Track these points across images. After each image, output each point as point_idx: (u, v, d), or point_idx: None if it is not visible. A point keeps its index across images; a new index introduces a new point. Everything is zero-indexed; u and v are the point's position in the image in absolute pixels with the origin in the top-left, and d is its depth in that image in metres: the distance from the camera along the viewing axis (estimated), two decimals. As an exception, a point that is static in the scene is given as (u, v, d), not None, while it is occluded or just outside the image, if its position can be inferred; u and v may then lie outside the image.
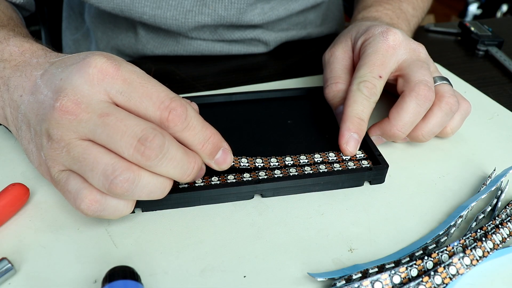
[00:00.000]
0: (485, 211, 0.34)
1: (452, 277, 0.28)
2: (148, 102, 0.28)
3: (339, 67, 0.43)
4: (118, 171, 0.26)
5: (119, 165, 0.27)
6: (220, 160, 0.31)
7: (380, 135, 0.40)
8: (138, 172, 0.27)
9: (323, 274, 0.28)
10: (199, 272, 0.29)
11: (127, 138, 0.26)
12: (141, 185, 0.27)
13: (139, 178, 0.27)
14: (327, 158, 0.37)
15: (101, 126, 0.27)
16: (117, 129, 0.27)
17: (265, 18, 0.58)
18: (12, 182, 0.34)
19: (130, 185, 0.27)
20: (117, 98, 0.28)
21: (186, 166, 0.29)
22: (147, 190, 0.28)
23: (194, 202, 0.34)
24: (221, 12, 0.55)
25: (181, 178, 0.29)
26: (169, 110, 0.28)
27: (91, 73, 0.28)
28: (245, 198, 0.35)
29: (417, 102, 0.37)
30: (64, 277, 0.28)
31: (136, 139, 0.26)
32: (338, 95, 0.41)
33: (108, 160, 0.27)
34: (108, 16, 0.61)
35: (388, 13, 0.52)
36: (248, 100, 0.46)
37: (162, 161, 0.27)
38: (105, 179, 0.26)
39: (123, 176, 0.26)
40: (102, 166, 0.27)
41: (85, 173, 0.27)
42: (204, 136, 0.30)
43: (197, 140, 0.29)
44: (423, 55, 0.41)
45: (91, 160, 0.27)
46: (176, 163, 0.28)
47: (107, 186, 0.27)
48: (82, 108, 0.27)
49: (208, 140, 0.30)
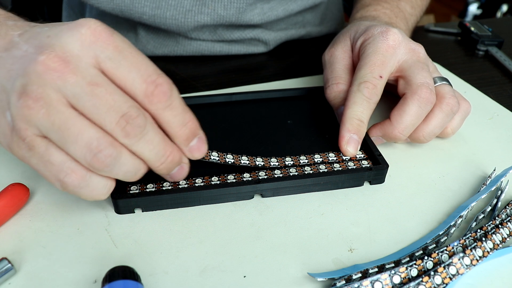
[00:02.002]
0: (485, 211, 0.34)
1: (452, 277, 0.28)
2: (136, 73, 0.27)
3: (340, 67, 0.43)
4: (103, 145, 0.26)
5: (103, 140, 0.26)
6: (194, 148, 0.31)
7: (381, 136, 0.40)
8: (120, 149, 0.27)
9: (323, 274, 0.28)
10: (199, 272, 0.29)
11: (113, 113, 0.26)
12: (120, 163, 0.27)
13: (120, 155, 0.27)
14: (327, 158, 0.37)
15: (89, 95, 0.26)
16: (105, 102, 0.26)
17: (264, 18, 0.58)
18: (12, 182, 0.34)
19: (112, 161, 0.26)
20: (105, 64, 0.27)
21: (161, 152, 0.28)
22: (124, 169, 0.28)
23: (194, 202, 0.34)
24: (221, 12, 0.55)
25: (154, 163, 0.29)
26: (156, 85, 0.27)
27: (84, 33, 0.26)
28: (245, 198, 0.35)
29: (419, 105, 0.37)
30: (64, 277, 0.28)
31: (121, 114, 0.26)
32: (339, 95, 0.41)
33: (93, 133, 0.26)
34: (109, 17, 0.61)
35: (386, 12, 0.52)
36: (248, 100, 0.46)
37: (140, 141, 0.27)
38: (89, 152, 0.26)
39: (106, 151, 0.26)
40: (86, 139, 0.26)
41: (65, 144, 0.26)
42: (184, 119, 0.29)
43: (176, 122, 0.29)
44: (422, 55, 0.41)
45: (75, 132, 0.26)
46: (153, 147, 0.28)
47: (89, 159, 0.26)
48: (70, 69, 0.25)
49: (186, 124, 0.29)
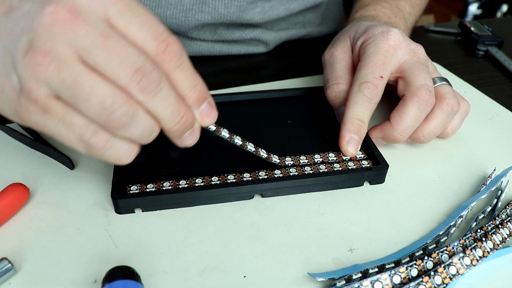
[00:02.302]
0: (485, 211, 0.34)
1: (452, 277, 0.28)
2: (147, 31, 0.26)
3: (340, 67, 0.43)
4: (118, 103, 0.24)
5: (118, 97, 0.24)
6: (205, 112, 0.30)
7: (381, 138, 0.40)
8: (136, 106, 0.25)
9: (323, 274, 0.28)
10: (199, 272, 0.29)
11: (127, 66, 0.24)
12: (136, 122, 0.26)
13: (136, 113, 0.25)
14: (327, 158, 0.37)
15: (101, 47, 0.24)
16: (118, 55, 0.24)
17: (265, 17, 0.58)
18: (12, 182, 0.34)
19: (128, 119, 0.25)
20: (116, 19, 0.25)
21: (176, 111, 0.27)
22: (140, 129, 0.26)
23: (194, 202, 0.34)
24: (221, 10, 0.55)
25: (169, 123, 0.27)
26: (167, 44, 0.26)
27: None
28: (245, 198, 0.35)
29: (418, 107, 0.37)
30: (64, 277, 0.28)
31: (135, 68, 0.25)
32: (340, 95, 0.41)
33: (107, 90, 0.24)
34: None
35: (386, 12, 0.52)
36: (248, 100, 0.46)
37: (156, 97, 0.26)
38: (103, 111, 0.24)
39: (122, 109, 0.24)
40: (100, 96, 0.24)
41: (77, 102, 0.24)
42: (193, 81, 0.28)
43: (186, 83, 0.28)
44: (422, 56, 0.41)
45: (88, 89, 0.24)
46: (168, 104, 0.26)
47: (103, 118, 0.24)
48: (80, 20, 0.24)
49: (196, 86, 0.28)
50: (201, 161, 0.37)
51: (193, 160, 0.37)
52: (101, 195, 0.35)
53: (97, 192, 0.35)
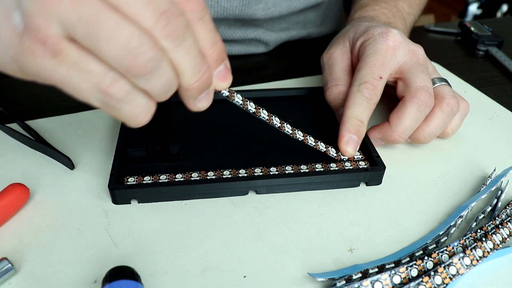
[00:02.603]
0: (485, 211, 0.34)
1: (452, 277, 0.28)
2: None
3: (339, 69, 0.43)
4: (144, 46, 0.21)
5: (145, 39, 0.21)
6: (222, 74, 0.28)
7: (380, 139, 0.40)
8: (163, 53, 0.23)
9: (323, 274, 0.28)
10: (199, 272, 0.29)
11: (153, 7, 0.22)
12: (160, 71, 0.23)
13: (162, 61, 0.23)
14: (328, 152, 0.37)
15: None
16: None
17: (268, 14, 0.58)
18: (12, 182, 0.34)
19: (154, 66, 0.22)
20: None
21: (199, 66, 0.25)
22: (163, 81, 0.23)
23: (189, 196, 0.34)
24: (224, 4, 0.55)
25: (191, 78, 0.25)
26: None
27: None
28: (239, 194, 0.35)
29: (418, 108, 0.37)
30: (64, 277, 0.28)
31: (162, 10, 0.22)
32: (339, 97, 0.41)
33: (132, 29, 0.21)
34: None
35: (385, 12, 0.52)
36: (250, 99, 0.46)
37: (181, 46, 0.23)
38: (128, 52, 0.21)
39: (149, 53, 0.22)
40: (125, 35, 0.21)
41: (97, 43, 0.21)
42: (214, 37, 0.26)
43: (207, 38, 0.25)
44: (421, 56, 0.41)
45: (111, 26, 0.21)
46: (192, 57, 0.24)
47: (127, 61, 0.21)
48: None
49: (217, 44, 0.26)
50: (200, 156, 0.37)
51: (192, 155, 0.37)
52: (101, 195, 0.35)
53: (97, 192, 0.35)
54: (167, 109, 0.43)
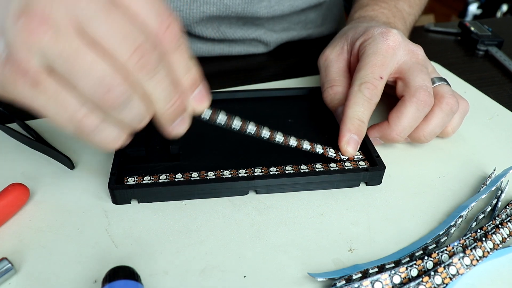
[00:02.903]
0: (485, 211, 0.34)
1: (452, 277, 0.28)
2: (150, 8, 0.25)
3: (334, 70, 0.43)
4: (117, 81, 0.23)
5: (118, 75, 0.24)
6: (198, 97, 0.29)
7: (379, 138, 0.40)
8: (133, 88, 0.25)
9: (323, 274, 0.28)
10: (199, 272, 0.29)
11: (128, 42, 0.23)
12: (131, 105, 0.25)
13: (133, 95, 0.25)
14: (327, 152, 0.37)
15: (104, 18, 0.23)
16: (120, 29, 0.23)
17: (270, 12, 0.58)
18: (12, 182, 0.34)
19: (125, 100, 0.24)
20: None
21: (172, 94, 0.27)
22: (134, 113, 0.25)
23: (189, 196, 0.34)
24: (227, 1, 0.54)
25: (164, 106, 0.27)
26: (169, 23, 0.25)
27: None
28: (239, 194, 0.35)
29: (417, 108, 0.37)
30: (64, 277, 0.28)
31: (136, 45, 0.24)
32: (336, 97, 0.42)
33: (106, 66, 0.23)
34: None
35: (384, 12, 0.52)
36: (249, 98, 0.46)
37: (154, 78, 0.25)
38: (102, 87, 0.23)
39: (121, 87, 0.24)
40: (100, 72, 0.23)
41: (74, 77, 0.23)
42: (189, 64, 0.28)
43: (182, 66, 0.27)
44: (421, 56, 0.41)
45: (88, 63, 0.23)
46: (165, 87, 0.26)
47: (100, 96, 0.23)
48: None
49: (191, 70, 0.28)
50: (200, 156, 0.37)
51: (192, 155, 0.37)
52: (101, 195, 0.35)
53: (97, 192, 0.35)
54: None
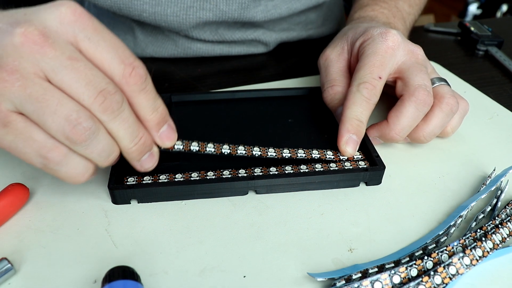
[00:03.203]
0: (485, 211, 0.34)
1: (452, 277, 0.28)
2: (114, 54, 0.27)
3: (334, 70, 0.43)
4: (82, 118, 0.26)
5: (83, 113, 0.26)
6: (164, 135, 0.31)
7: (378, 137, 0.40)
8: (99, 124, 0.27)
9: (323, 274, 0.28)
10: (199, 272, 0.29)
11: (91, 87, 0.26)
12: (97, 139, 0.27)
13: (98, 130, 0.27)
14: (324, 156, 0.37)
15: (69, 68, 0.26)
16: (84, 76, 0.26)
17: (267, 16, 0.58)
18: (12, 182, 0.34)
19: (90, 135, 0.26)
20: (84, 43, 0.27)
21: (135, 133, 0.29)
22: (100, 147, 0.28)
23: (189, 196, 0.34)
24: (223, 7, 0.54)
25: (128, 143, 0.29)
26: (133, 67, 0.28)
27: (64, 12, 0.26)
28: (239, 194, 0.35)
29: (416, 107, 0.37)
30: (64, 277, 0.28)
31: (99, 90, 0.26)
32: (336, 97, 0.42)
33: (72, 105, 0.26)
34: (107, 19, 0.61)
35: (384, 12, 0.52)
36: (250, 98, 0.46)
37: (117, 118, 0.27)
38: (68, 123, 0.25)
39: (86, 123, 0.26)
40: (66, 110, 0.25)
41: (42, 116, 0.25)
42: (155, 104, 0.30)
43: (148, 106, 0.29)
44: (421, 57, 0.41)
45: (55, 102, 0.25)
46: (128, 126, 0.28)
47: (67, 132, 0.26)
48: (49, 42, 0.25)
49: (157, 109, 0.30)
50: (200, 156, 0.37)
51: (192, 155, 0.37)
52: (101, 195, 0.35)
53: (97, 192, 0.35)
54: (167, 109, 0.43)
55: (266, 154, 0.36)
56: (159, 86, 0.52)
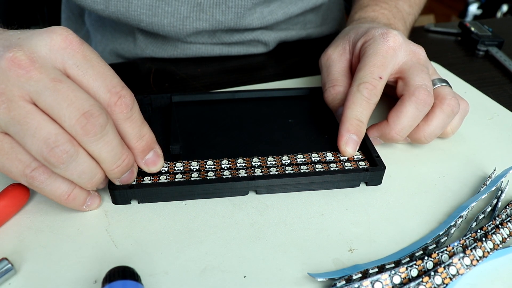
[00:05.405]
0: (485, 211, 0.34)
1: (452, 277, 0.28)
2: (101, 83, 0.28)
3: (336, 70, 0.43)
4: (60, 141, 0.26)
5: (61, 136, 0.27)
6: (150, 161, 0.32)
7: (378, 137, 0.40)
8: (78, 147, 0.27)
9: (323, 274, 0.28)
10: (199, 272, 0.29)
11: (73, 109, 0.26)
12: (76, 162, 0.28)
13: (77, 153, 0.27)
14: (324, 158, 0.37)
15: (51, 90, 0.26)
16: (66, 97, 0.26)
17: (264, 22, 0.58)
18: (12, 182, 0.34)
19: (68, 158, 0.27)
20: (72, 70, 0.28)
21: (118, 155, 0.29)
22: (80, 169, 0.28)
23: (189, 196, 0.34)
24: (219, 17, 0.54)
25: (110, 165, 0.29)
26: (119, 96, 0.28)
27: (54, 39, 0.27)
28: (239, 194, 0.35)
29: (416, 107, 0.37)
30: (64, 277, 0.28)
31: (82, 112, 0.27)
32: (337, 97, 0.42)
33: (51, 128, 0.26)
34: (109, 20, 0.61)
35: (385, 13, 0.52)
36: (250, 98, 0.46)
37: (99, 141, 0.28)
38: (46, 146, 0.26)
39: (64, 146, 0.27)
40: (45, 133, 0.26)
41: (23, 138, 0.27)
42: (141, 132, 0.31)
43: (134, 134, 0.30)
44: (422, 57, 0.41)
45: (34, 125, 0.26)
46: (111, 149, 0.28)
47: (45, 153, 0.26)
48: (35, 67, 0.26)
49: (143, 137, 0.31)
50: (200, 156, 0.37)
51: (192, 155, 0.37)
52: (101, 195, 0.35)
53: (97, 192, 0.35)
54: (167, 109, 0.43)
55: (265, 163, 0.36)
56: (159, 86, 0.52)
